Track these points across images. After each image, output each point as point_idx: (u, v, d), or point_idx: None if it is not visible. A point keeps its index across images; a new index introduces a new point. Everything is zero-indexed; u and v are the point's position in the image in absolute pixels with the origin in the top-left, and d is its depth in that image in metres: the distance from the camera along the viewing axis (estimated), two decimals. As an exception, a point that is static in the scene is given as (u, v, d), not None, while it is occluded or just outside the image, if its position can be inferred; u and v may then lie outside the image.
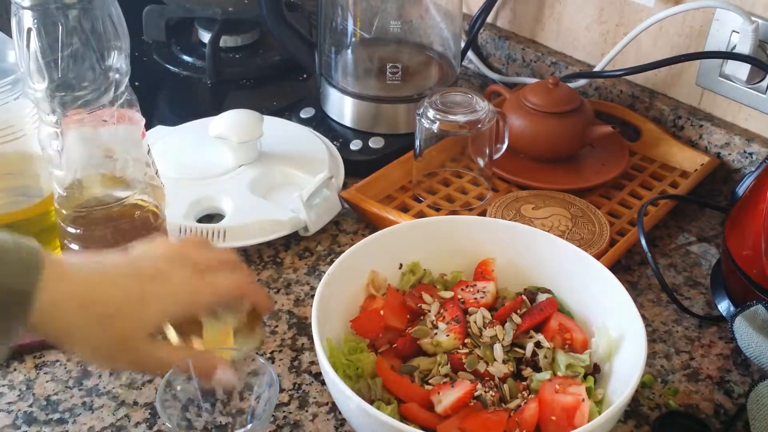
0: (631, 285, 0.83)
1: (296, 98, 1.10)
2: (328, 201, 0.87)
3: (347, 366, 0.65)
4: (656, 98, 1.03)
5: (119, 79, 0.66)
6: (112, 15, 0.64)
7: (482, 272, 0.74)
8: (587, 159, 0.97)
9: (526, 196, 0.89)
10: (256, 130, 0.91)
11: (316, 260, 0.85)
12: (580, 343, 0.68)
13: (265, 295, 0.64)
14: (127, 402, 0.69)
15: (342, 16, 1.00)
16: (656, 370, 0.74)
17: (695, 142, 1.00)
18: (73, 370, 0.71)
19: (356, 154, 0.97)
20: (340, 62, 1.03)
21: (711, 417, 0.70)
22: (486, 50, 1.20)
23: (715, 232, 0.92)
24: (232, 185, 0.89)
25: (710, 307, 0.81)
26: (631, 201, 0.93)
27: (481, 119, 0.87)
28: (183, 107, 1.11)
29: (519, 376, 0.66)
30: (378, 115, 1.00)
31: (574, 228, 0.84)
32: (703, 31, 0.96)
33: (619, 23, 1.04)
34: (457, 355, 0.66)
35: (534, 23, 1.15)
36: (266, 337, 0.75)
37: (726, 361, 0.75)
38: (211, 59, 1.12)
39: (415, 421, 0.62)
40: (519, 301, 0.70)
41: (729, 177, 0.98)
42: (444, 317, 0.69)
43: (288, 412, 0.68)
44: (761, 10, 0.90)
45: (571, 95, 0.94)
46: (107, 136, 0.67)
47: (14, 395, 0.69)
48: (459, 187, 0.94)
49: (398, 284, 0.74)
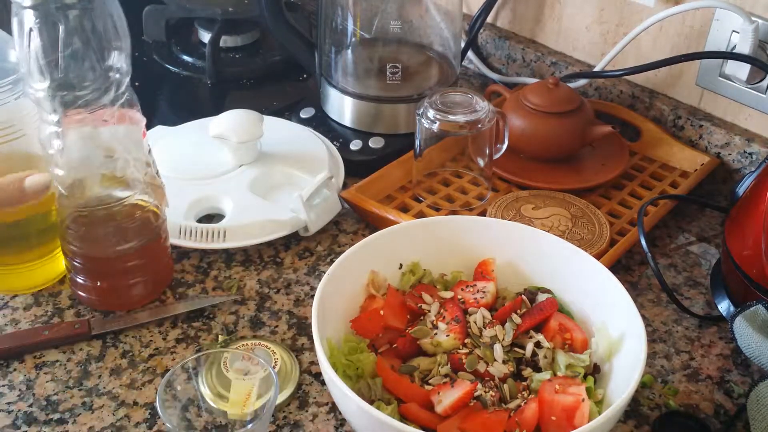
0: (631, 285, 0.83)
1: (296, 98, 1.10)
2: (328, 201, 0.87)
3: (347, 366, 0.65)
4: (656, 98, 1.03)
5: (120, 78, 0.66)
6: (112, 15, 0.64)
7: (482, 272, 0.74)
8: (587, 159, 0.97)
9: (526, 196, 0.89)
10: (256, 130, 0.91)
11: (316, 260, 0.85)
12: (580, 343, 0.68)
13: None
14: (127, 402, 0.69)
15: (342, 16, 1.00)
16: (656, 370, 0.74)
17: (695, 142, 1.00)
18: (73, 370, 0.72)
19: (356, 154, 0.97)
20: (340, 62, 1.03)
21: (711, 417, 0.70)
22: (486, 50, 1.20)
23: (715, 232, 0.92)
24: (232, 185, 0.89)
25: (710, 307, 0.81)
26: (631, 201, 0.93)
27: (481, 119, 0.87)
28: (183, 107, 1.11)
29: (519, 376, 0.66)
30: (378, 115, 1.00)
31: (574, 228, 0.84)
32: (703, 31, 0.96)
33: (619, 23, 1.04)
34: (457, 355, 0.66)
35: (534, 23, 1.15)
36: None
37: (726, 361, 0.75)
38: (211, 59, 1.12)
39: (415, 421, 0.62)
40: (519, 301, 0.70)
41: (729, 177, 0.98)
42: (444, 317, 0.69)
43: (288, 412, 0.68)
44: (761, 10, 0.90)
45: (571, 95, 0.94)
46: (108, 135, 0.67)
47: (14, 395, 0.69)
48: (459, 187, 0.94)
49: (398, 284, 0.74)
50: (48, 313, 0.77)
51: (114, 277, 0.75)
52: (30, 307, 0.78)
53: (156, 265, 0.78)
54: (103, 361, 0.72)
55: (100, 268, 0.75)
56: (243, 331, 0.76)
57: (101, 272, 0.75)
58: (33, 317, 0.77)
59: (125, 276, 0.75)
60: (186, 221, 0.84)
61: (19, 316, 0.77)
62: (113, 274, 0.75)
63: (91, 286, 0.76)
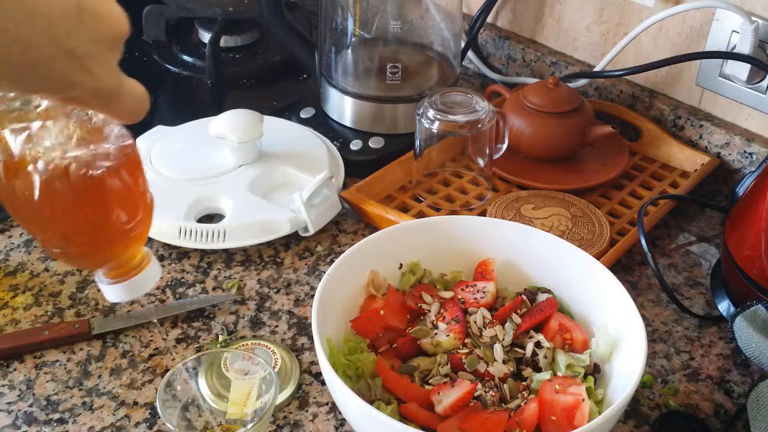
0: (631, 285, 0.83)
1: (296, 98, 1.10)
2: (328, 201, 0.87)
3: (347, 366, 0.65)
4: (656, 98, 1.03)
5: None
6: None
7: (482, 272, 0.74)
8: (587, 159, 0.97)
9: (526, 196, 0.89)
10: (256, 130, 0.91)
11: (316, 260, 0.85)
12: (580, 343, 0.68)
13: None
14: (127, 402, 0.69)
15: (342, 16, 1.00)
16: (656, 370, 0.74)
17: (695, 142, 1.00)
18: (73, 370, 0.72)
19: (356, 154, 0.97)
20: (340, 62, 1.03)
21: (711, 417, 0.70)
22: (486, 50, 1.20)
23: (715, 232, 0.92)
24: (232, 185, 0.89)
25: (710, 307, 0.81)
26: (631, 201, 0.93)
27: (481, 119, 0.87)
28: (183, 107, 1.11)
29: (519, 376, 0.66)
30: (378, 115, 1.00)
31: (574, 228, 0.84)
32: (703, 31, 0.96)
33: (619, 23, 1.04)
34: (457, 355, 0.66)
35: (534, 23, 1.15)
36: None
37: (726, 361, 0.75)
38: (211, 59, 1.12)
39: (415, 421, 0.62)
40: (519, 301, 0.70)
41: (729, 177, 0.98)
42: (444, 317, 0.69)
43: (288, 412, 0.68)
44: (761, 10, 0.90)
45: (571, 95, 0.94)
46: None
47: (14, 395, 0.69)
48: (459, 187, 0.94)
49: (398, 284, 0.74)
50: (48, 313, 0.77)
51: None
52: (30, 307, 0.78)
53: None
54: (103, 361, 0.72)
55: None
56: (243, 331, 0.76)
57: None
58: (33, 317, 0.77)
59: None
60: (186, 221, 0.84)
61: (19, 316, 0.77)
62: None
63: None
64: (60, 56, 0.39)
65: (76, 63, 0.40)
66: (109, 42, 0.42)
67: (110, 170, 0.47)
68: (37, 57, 0.38)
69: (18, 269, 0.82)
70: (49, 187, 0.45)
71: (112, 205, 0.48)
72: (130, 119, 0.46)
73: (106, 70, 0.42)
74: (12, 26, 0.37)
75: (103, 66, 0.42)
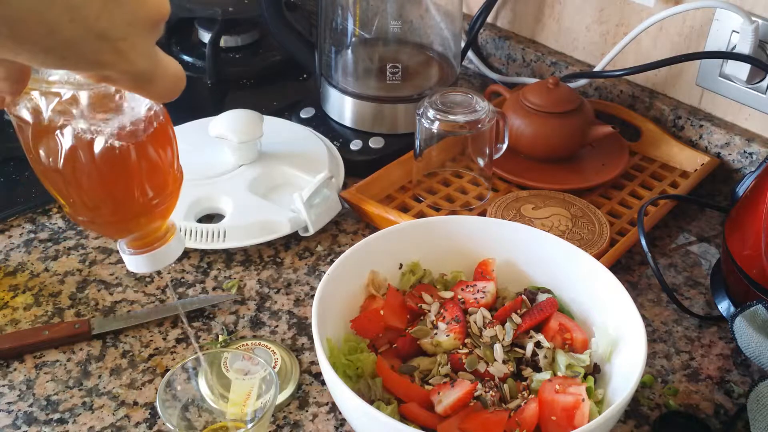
0: (631, 285, 0.83)
1: (296, 98, 1.10)
2: (328, 201, 0.87)
3: (347, 366, 0.65)
4: (656, 98, 1.03)
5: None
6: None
7: (482, 272, 0.74)
8: (587, 159, 0.97)
9: (526, 196, 0.89)
10: (256, 130, 0.91)
11: (316, 260, 0.85)
12: (580, 343, 0.68)
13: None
14: (127, 402, 0.69)
15: (342, 16, 1.00)
16: (656, 370, 0.74)
17: (695, 142, 1.00)
18: (73, 370, 0.72)
19: (356, 154, 0.97)
20: (340, 62, 1.03)
21: (711, 417, 0.70)
22: (486, 50, 1.20)
23: (715, 232, 0.92)
24: (232, 185, 0.89)
25: (710, 307, 0.81)
26: (631, 201, 0.93)
27: (481, 119, 0.87)
28: (183, 107, 1.11)
29: (519, 376, 0.66)
30: (378, 115, 1.00)
31: (574, 228, 0.84)
32: (703, 31, 0.96)
33: (619, 23, 1.04)
34: (457, 355, 0.66)
35: (534, 23, 1.15)
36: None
37: (726, 361, 0.75)
38: (211, 59, 1.12)
39: (415, 421, 0.62)
40: (519, 301, 0.70)
41: (729, 177, 0.98)
42: (444, 317, 0.69)
43: (288, 412, 0.68)
44: (761, 10, 0.90)
45: (571, 95, 0.94)
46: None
47: (14, 395, 0.69)
48: (459, 187, 0.94)
49: (398, 284, 0.74)
50: (48, 313, 0.77)
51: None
52: (30, 307, 0.78)
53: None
54: (103, 361, 0.72)
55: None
56: (243, 331, 0.76)
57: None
58: (33, 317, 0.77)
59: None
60: (186, 221, 0.84)
61: (19, 316, 0.77)
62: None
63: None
64: (90, 38, 0.38)
65: (109, 45, 0.39)
66: (147, 24, 0.41)
67: (136, 144, 0.46)
68: (65, 39, 0.38)
69: (18, 269, 0.82)
70: (73, 156, 0.44)
71: (136, 179, 0.47)
72: (164, 99, 0.46)
73: (141, 53, 0.41)
74: (36, 7, 0.36)
75: (137, 49, 0.41)
